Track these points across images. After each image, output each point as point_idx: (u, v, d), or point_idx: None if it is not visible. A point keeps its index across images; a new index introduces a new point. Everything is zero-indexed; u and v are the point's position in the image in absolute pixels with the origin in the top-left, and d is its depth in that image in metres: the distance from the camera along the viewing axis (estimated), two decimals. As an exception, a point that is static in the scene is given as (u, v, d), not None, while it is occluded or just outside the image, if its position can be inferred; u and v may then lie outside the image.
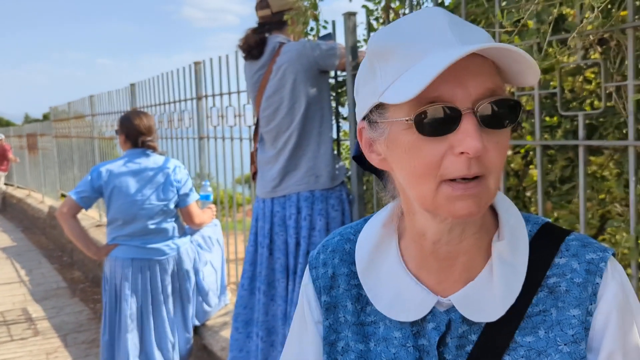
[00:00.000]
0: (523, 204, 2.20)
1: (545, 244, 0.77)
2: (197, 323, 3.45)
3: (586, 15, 1.27)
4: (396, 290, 0.78)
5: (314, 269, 0.88)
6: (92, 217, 6.99)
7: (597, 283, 0.73)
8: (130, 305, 3.04)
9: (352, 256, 0.86)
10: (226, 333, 3.37)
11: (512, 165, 2.26)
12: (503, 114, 0.67)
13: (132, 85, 5.78)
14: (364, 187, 2.75)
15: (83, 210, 3.14)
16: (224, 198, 4.14)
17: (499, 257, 0.75)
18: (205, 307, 3.47)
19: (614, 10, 1.41)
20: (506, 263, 0.75)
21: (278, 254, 2.56)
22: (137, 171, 3.06)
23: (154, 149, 3.18)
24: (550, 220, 0.83)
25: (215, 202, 4.15)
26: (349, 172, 2.71)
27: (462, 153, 0.65)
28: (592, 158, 2.01)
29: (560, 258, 0.75)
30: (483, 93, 0.66)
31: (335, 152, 2.78)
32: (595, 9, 1.16)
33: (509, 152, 2.22)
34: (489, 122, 0.66)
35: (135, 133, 3.11)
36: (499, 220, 0.79)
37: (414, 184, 0.70)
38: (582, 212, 1.57)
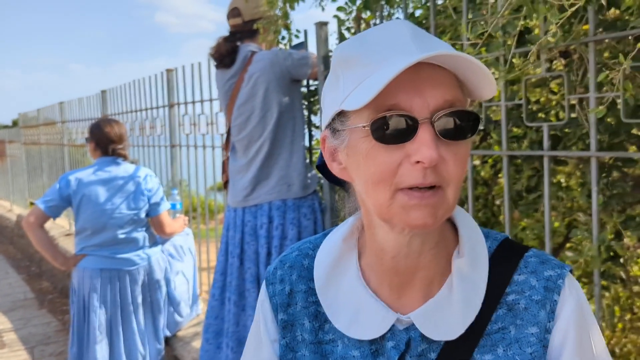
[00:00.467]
0: (492, 213, 2.23)
1: (504, 261, 0.77)
2: (168, 334, 3.40)
3: (550, 28, 1.30)
4: (355, 308, 0.77)
5: (271, 285, 0.86)
6: (62, 226, 6.84)
7: (555, 300, 0.73)
8: (99, 317, 2.98)
9: (310, 272, 0.84)
10: (198, 344, 3.33)
11: (482, 174, 2.30)
12: (461, 125, 0.67)
13: (103, 92, 5.71)
14: (337, 196, 2.75)
15: (52, 219, 3.08)
16: (197, 206, 4.10)
17: (459, 273, 0.75)
18: (177, 317, 3.43)
19: (575, 24, 1.44)
20: (466, 279, 0.74)
21: (249, 263, 2.54)
22: (107, 180, 3.01)
23: (125, 157, 3.13)
24: (508, 236, 0.84)
25: (187, 211, 4.11)
26: (322, 181, 2.71)
27: (417, 162, 0.65)
28: (558, 168, 2.05)
29: (519, 275, 0.76)
30: (441, 104, 0.66)
31: (308, 160, 2.78)
32: (554, 25, 1.18)
33: (478, 162, 2.25)
34: (447, 133, 0.67)
35: (105, 141, 3.06)
36: (459, 236, 0.78)
37: (370, 192, 0.70)
38: (547, 221, 1.60)
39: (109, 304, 3.00)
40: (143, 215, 3.06)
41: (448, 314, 0.73)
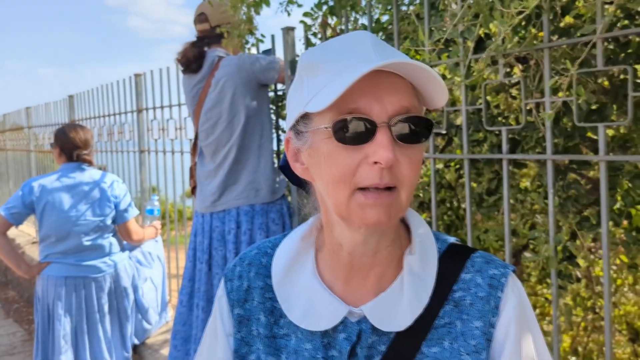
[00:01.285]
0: (457, 216, 2.26)
1: (452, 260, 0.82)
2: (136, 342, 3.35)
3: (503, 35, 1.33)
4: (309, 301, 0.80)
5: (229, 282, 0.89)
6: (28, 234, 6.70)
7: (499, 297, 0.78)
8: (64, 326, 2.92)
9: (268, 269, 0.87)
10: (167, 351, 3.29)
11: (447, 177, 2.33)
12: (416, 130, 0.72)
13: (71, 97, 5.62)
14: (304, 200, 2.76)
15: (15, 227, 3.01)
16: (165, 212, 4.06)
17: (410, 269, 0.79)
18: (145, 324, 3.38)
19: (530, 31, 1.48)
20: (416, 276, 0.79)
21: (217, 269, 2.53)
22: (72, 186, 2.97)
23: (90, 163, 3.09)
24: (457, 239, 0.88)
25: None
26: (290, 186, 2.71)
27: (375, 163, 0.69)
28: (521, 171, 2.10)
29: (466, 273, 0.80)
30: (398, 110, 0.71)
31: (276, 165, 2.78)
32: (503, 32, 1.21)
33: (441, 165, 2.28)
34: (403, 137, 0.71)
35: (70, 146, 3.01)
36: (411, 235, 0.83)
37: (330, 191, 0.74)
38: (506, 223, 1.63)
39: (74, 312, 2.95)
40: (109, 222, 3.02)
41: (398, 308, 0.77)
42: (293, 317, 0.80)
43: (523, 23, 1.50)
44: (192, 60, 2.59)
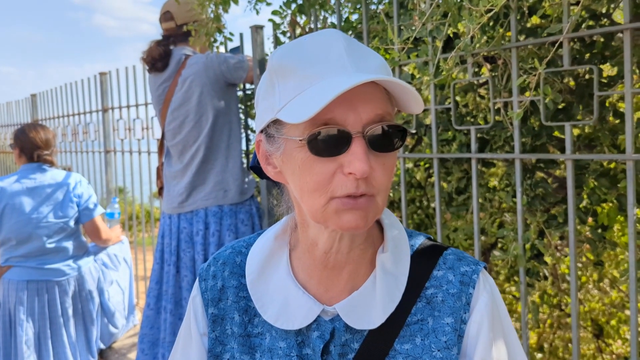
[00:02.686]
0: (426, 215, 2.27)
1: (425, 258, 0.82)
2: (102, 346, 3.27)
3: (472, 34, 1.33)
4: (284, 300, 0.80)
5: (203, 281, 0.89)
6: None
7: (470, 293, 0.78)
8: (26, 331, 2.83)
9: (242, 269, 0.87)
10: (134, 355, 3.22)
11: (417, 177, 2.33)
12: (390, 138, 0.71)
13: (33, 95, 5.47)
14: (274, 201, 2.73)
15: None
16: (132, 213, 3.98)
17: (382, 267, 0.79)
18: (112, 328, 3.30)
19: (498, 30, 1.49)
20: (388, 274, 0.78)
21: (185, 271, 2.48)
22: (33, 188, 2.87)
23: (52, 164, 2.99)
24: (431, 236, 0.88)
25: (123, 220, 3.98)
26: (259, 186, 2.68)
27: (350, 173, 0.69)
28: (489, 170, 2.11)
29: (438, 271, 0.80)
30: (373, 118, 0.70)
31: (245, 165, 2.75)
32: (472, 29, 1.22)
33: (411, 165, 2.29)
34: (377, 146, 0.70)
35: (30, 147, 2.92)
36: (384, 234, 0.83)
37: (306, 199, 0.73)
38: (475, 221, 1.64)
39: (36, 317, 2.86)
40: (72, 223, 2.94)
41: (370, 306, 0.77)
42: (267, 317, 0.80)
43: (491, 23, 1.51)
44: (157, 59, 2.54)
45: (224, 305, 0.85)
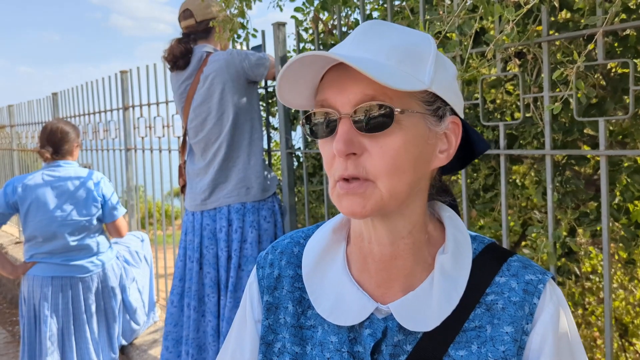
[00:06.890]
0: (450, 212, 2.25)
1: (487, 263, 0.78)
2: (124, 342, 3.29)
3: (504, 28, 1.31)
4: (338, 295, 0.79)
5: (261, 269, 0.89)
6: (11, 234, 6.58)
7: (535, 303, 0.73)
8: (50, 327, 2.86)
9: (299, 259, 0.87)
10: (155, 351, 3.24)
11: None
12: (377, 118, 0.69)
13: (55, 94, 5.52)
14: (296, 198, 2.73)
15: (2, 227, 2.95)
16: (152, 211, 4.00)
17: (441, 269, 0.76)
18: (133, 325, 3.33)
19: (530, 24, 1.46)
20: (447, 276, 0.76)
21: (208, 268, 2.49)
22: (56, 185, 2.90)
23: (73, 159, 3.02)
24: (495, 241, 0.84)
25: (144, 217, 4.01)
26: (281, 183, 2.68)
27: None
28: (514, 167, 2.09)
29: (501, 277, 0.77)
30: (360, 98, 0.69)
31: (267, 162, 2.74)
32: (511, 22, 1.20)
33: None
34: (367, 127, 0.69)
35: (53, 143, 2.95)
36: (445, 234, 0.80)
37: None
38: (504, 219, 1.62)
39: (60, 313, 2.89)
40: (95, 221, 2.96)
41: (426, 307, 0.74)
42: (321, 310, 0.79)
43: (522, 17, 1.49)
44: (178, 56, 2.54)
45: (279, 294, 0.85)
